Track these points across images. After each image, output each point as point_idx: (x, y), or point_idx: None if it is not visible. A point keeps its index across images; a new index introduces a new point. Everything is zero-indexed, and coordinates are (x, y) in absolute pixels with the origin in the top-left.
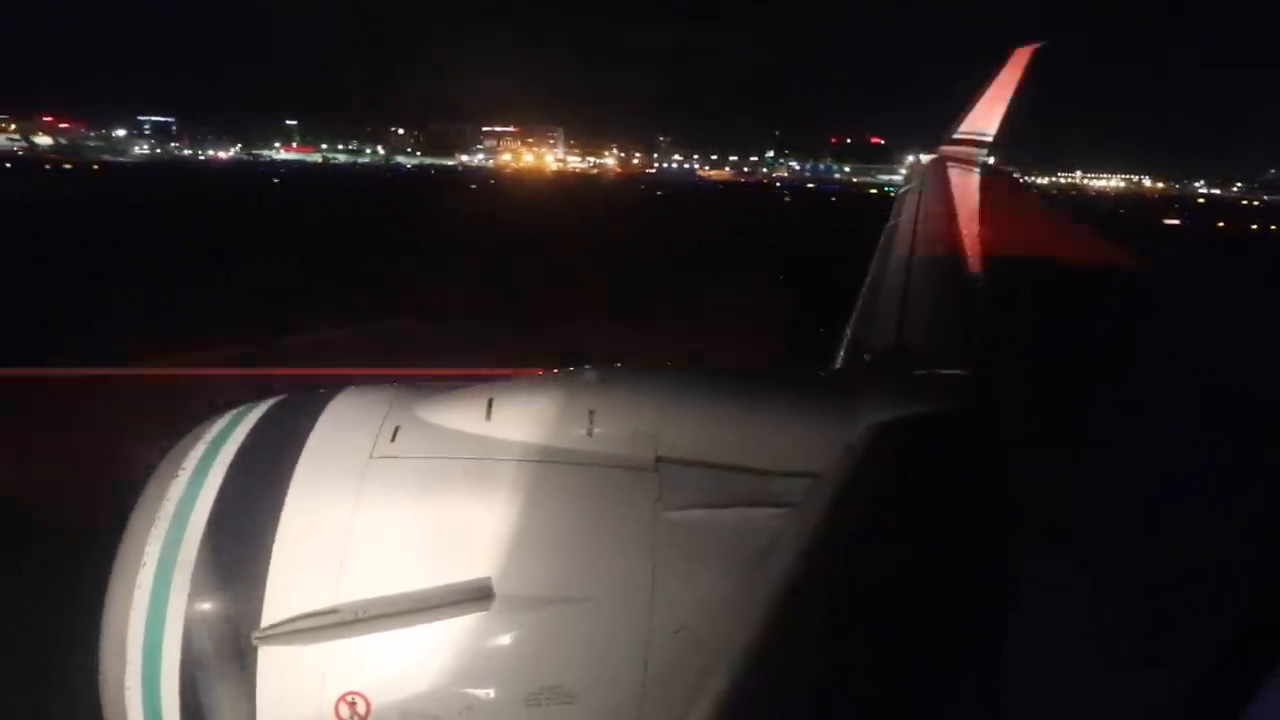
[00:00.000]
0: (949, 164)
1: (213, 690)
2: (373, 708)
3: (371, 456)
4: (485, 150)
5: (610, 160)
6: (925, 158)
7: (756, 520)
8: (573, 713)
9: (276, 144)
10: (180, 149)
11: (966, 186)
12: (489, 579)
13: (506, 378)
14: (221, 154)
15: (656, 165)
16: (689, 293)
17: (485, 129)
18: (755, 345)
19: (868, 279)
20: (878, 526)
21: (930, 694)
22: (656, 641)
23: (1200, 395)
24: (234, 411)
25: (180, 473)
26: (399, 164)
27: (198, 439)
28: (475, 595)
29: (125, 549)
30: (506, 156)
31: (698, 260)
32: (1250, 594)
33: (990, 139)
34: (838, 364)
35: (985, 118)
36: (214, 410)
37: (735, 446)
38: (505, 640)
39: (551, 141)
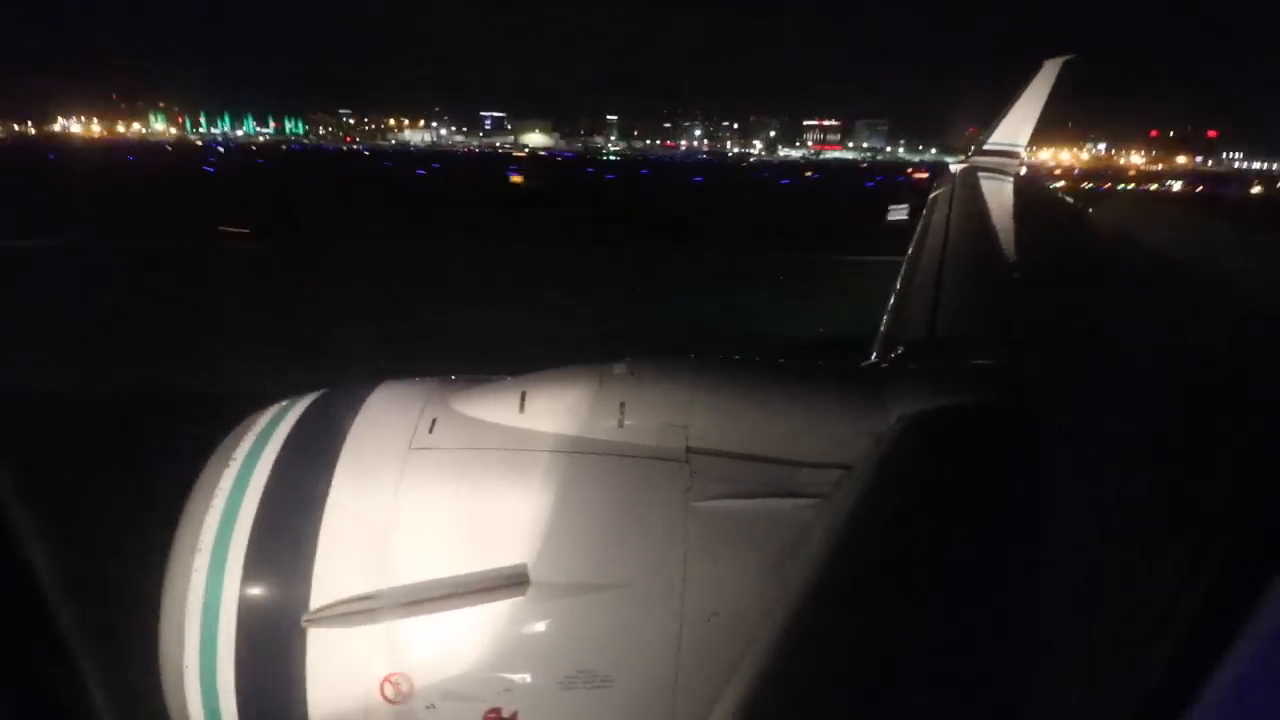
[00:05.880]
0: (980, 173)
1: (266, 669)
2: (416, 688)
3: (410, 447)
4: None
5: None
6: (955, 167)
7: (786, 511)
8: (607, 696)
9: (795, 143)
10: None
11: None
12: (525, 566)
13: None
14: (751, 152)
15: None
16: None
17: (806, 122)
18: None
19: (901, 274)
20: (908, 518)
21: (959, 683)
22: (689, 628)
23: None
24: (279, 406)
25: (231, 463)
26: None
27: (246, 431)
28: (512, 581)
29: (182, 534)
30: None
31: None
32: None
33: (1022, 149)
34: (872, 356)
35: (1016, 129)
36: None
37: (765, 438)
38: (541, 625)
39: (881, 130)
